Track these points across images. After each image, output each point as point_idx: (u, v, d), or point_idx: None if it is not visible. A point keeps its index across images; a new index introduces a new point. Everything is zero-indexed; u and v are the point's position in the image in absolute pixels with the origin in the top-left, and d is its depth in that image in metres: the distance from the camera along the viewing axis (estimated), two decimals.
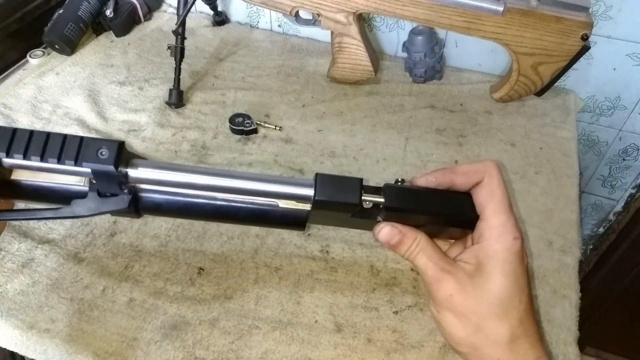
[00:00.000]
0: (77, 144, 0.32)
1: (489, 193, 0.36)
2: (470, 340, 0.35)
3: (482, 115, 0.75)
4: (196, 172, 0.35)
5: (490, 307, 0.34)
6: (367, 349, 0.49)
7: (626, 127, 0.82)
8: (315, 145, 0.69)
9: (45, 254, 0.54)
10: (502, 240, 0.35)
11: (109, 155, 0.32)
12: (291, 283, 0.53)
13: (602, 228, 0.99)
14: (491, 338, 0.35)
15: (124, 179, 0.34)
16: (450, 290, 0.35)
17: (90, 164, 0.32)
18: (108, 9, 0.84)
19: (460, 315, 0.35)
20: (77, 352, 0.47)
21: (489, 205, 0.35)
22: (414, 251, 0.36)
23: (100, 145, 0.32)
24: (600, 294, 1.06)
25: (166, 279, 0.53)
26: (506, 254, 0.35)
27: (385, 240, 0.36)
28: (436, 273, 0.36)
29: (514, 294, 0.35)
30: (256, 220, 0.38)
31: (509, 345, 0.35)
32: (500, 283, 0.34)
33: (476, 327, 0.35)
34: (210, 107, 0.74)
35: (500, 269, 0.35)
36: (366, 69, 0.76)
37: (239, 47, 0.87)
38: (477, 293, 0.35)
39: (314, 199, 0.35)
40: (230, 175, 0.35)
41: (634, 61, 0.74)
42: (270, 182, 0.36)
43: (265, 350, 0.48)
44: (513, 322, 0.35)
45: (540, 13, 0.65)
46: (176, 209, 0.37)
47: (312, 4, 0.71)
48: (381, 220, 0.37)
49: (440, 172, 0.37)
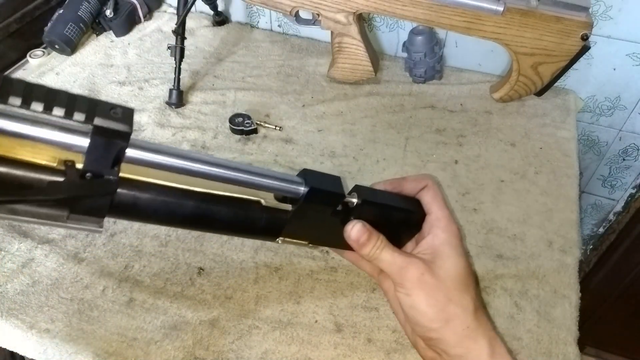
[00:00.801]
0: (86, 100, 0.28)
1: (433, 194, 0.43)
2: (442, 314, 0.39)
3: (482, 115, 0.75)
4: (191, 159, 0.33)
5: (454, 282, 0.40)
6: (367, 349, 0.49)
7: (626, 127, 0.82)
8: (315, 145, 0.69)
9: (45, 254, 0.54)
10: (450, 229, 0.42)
11: (122, 115, 0.28)
12: (291, 283, 0.53)
13: (602, 228, 0.99)
14: (461, 307, 0.39)
15: (122, 151, 0.30)
16: (421, 270, 0.39)
17: (103, 120, 0.28)
18: (108, 9, 0.84)
19: (432, 291, 0.39)
20: (77, 352, 0.47)
21: (435, 203, 0.43)
22: (380, 246, 0.40)
23: (111, 106, 0.28)
24: (600, 294, 1.06)
25: (166, 279, 0.53)
26: (455, 240, 0.41)
27: (356, 237, 0.40)
28: (403, 260, 0.40)
29: (468, 270, 0.41)
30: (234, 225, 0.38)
31: (474, 314, 0.40)
32: (457, 262, 0.40)
33: (447, 299, 0.39)
34: (210, 107, 0.75)
35: (454, 250, 0.41)
36: (366, 69, 0.76)
37: (239, 47, 0.87)
38: (441, 272, 0.40)
39: (307, 187, 0.37)
40: (227, 165, 0.35)
41: (634, 61, 0.74)
42: (261, 175, 0.36)
43: (265, 350, 0.48)
44: (472, 294, 0.40)
45: (540, 13, 0.65)
46: (152, 210, 0.34)
47: (312, 4, 0.71)
48: (352, 219, 0.41)
49: (390, 181, 0.45)
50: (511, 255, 0.57)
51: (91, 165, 0.29)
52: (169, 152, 0.32)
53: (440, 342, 0.40)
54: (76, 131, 0.28)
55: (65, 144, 0.28)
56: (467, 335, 0.39)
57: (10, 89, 0.25)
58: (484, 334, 0.40)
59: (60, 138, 0.28)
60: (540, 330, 0.51)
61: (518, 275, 0.55)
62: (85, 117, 0.27)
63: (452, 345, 0.39)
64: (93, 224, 0.32)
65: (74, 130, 0.28)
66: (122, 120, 0.28)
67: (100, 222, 0.32)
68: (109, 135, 0.28)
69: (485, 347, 0.39)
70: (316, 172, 0.39)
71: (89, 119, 0.27)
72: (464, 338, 0.39)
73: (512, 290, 0.54)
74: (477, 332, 0.39)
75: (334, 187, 0.39)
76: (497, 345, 0.40)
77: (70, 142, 0.28)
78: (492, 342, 0.40)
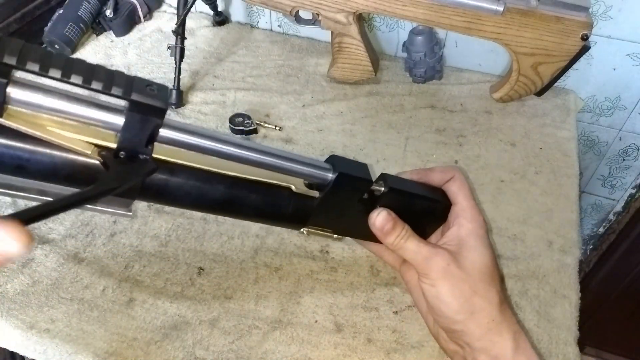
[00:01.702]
0: (123, 76, 0.27)
1: (460, 185, 0.43)
2: (467, 306, 0.39)
3: (482, 115, 0.75)
4: (223, 141, 0.33)
5: (480, 274, 0.39)
6: (367, 349, 0.49)
7: (626, 127, 0.82)
8: (315, 145, 0.69)
9: (45, 254, 0.54)
10: (476, 220, 0.42)
11: (158, 91, 0.28)
12: (291, 283, 0.53)
13: (602, 228, 0.99)
14: (487, 299, 0.39)
15: (157, 129, 0.29)
16: (447, 261, 0.39)
17: (140, 96, 0.27)
18: (108, 9, 0.84)
19: (457, 282, 0.39)
20: (77, 352, 0.47)
21: (460, 194, 0.43)
22: (405, 236, 0.40)
23: (148, 82, 0.28)
24: (600, 294, 1.06)
25: (166, 279, 0.53)
26: (481, 230, 0.41)
27: (381, 224, 0.40)
28: (429, 250, 0.40)
29: (494, 262, 0.41)
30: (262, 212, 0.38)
31: (499, 307, 0.39)
32: (483, 253, 0.40)
33: (472, 291, 0.39)
34: (210, 107, 0.75)
35: (480, 242, 0.41)
36: (366, 69, 0.76)
37: (239, 47, 0.87)
38: (467, 264, 0.39)
39: (335, 172, 0.37)
40: (258, 149, 0.34)
41: (634, 61, 0.74)
42: (291, 160, 0.36)
43: (265, 350, 0.48)
44: (498, 287, 0.40)
45: (540, 13, 0.65)
46: (182, 192, 0.34)
47: (312, 4, 0.71)
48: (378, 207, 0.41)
49: (416, 171, 0.45)
50: (511, 255, 0.57)
51: (126, 143, 0.29)
52: (202, 133, 0.32)
53: (464, 335, 0.39)
54: (111, 109, 0.28)
55: (101, 121, 0.28)
56: (492, 329, 0.39)
57: (50, 62, 0.25)
58: (509, 327, 0.39)
59: (96, 115, 0.28)
60: (540, 330, 0.51)
61: (518, 275, 0.55)
62: (122, 92, 0.27)
63: (477, 338, 0.39)
64: (122, 206, 0.31)
65: (109, 108, 0.28)
66: (158, 97, 0.28)
67: (129, 205, 0.31)
68: (145, 111, 0.28)
69: (510, 340, 0.39)
70: (344, 159, 0.39)
71: (126, 93, 0.27)
72: (488, 331, 0.39)
73: (512, 291, 0.54)
74: (502, 325, 0.39)
75: (361, 174, 0.39)
76: (522, 340, 0.40)
77: (106, 119, 0.28)
78: (516, 336, 0.39)
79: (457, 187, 0.43)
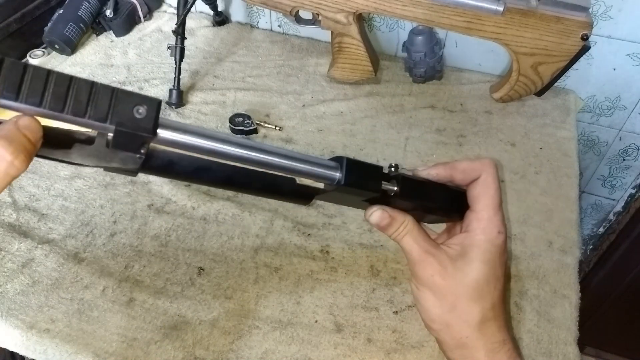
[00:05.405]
0: (108, 96, 0.26)
1: (484, 189, 0.39)
2: (444, 318, 0.38)
3: (482, 115, 0.75)
4: (224, 141, 0.32)
5: (467, 289, 0.37)
6: (367, 349, 0.49)
7: (626, 127, 0.82)
8: (315, 145, 0.69)
9: (45, 254, 0.54)
10: (488, 232, 0.38)
11: (147, 114, 0.27)
12: (291, 283, 0.53)
13: (602, 228, 0.99)
14: (463, 317, 0.38)
15: (151, 139, 0.29)
16: (432, 271, 0.38)
17: (124, 124, 0.26)
18: (108, 9, 0.84)
19: (439, 294, 0.38)
20: (77, 352, 0.47)
21: (482, 200, 0.39)
22: (401, 233, 0.39)
23: (136, 101, 0.27)
24: (600, 294, 1.06)
25: (166, 279, 0.53)
26: (489, 245, 0.38)
27: (376, 222, 0.39)
28: (420, 255, 0.38)
29: (489, 280, 0.38)
30: (268, 189, 0.37)
31: (478, 325, 0.38)
32: (478, 268, 0.38)
33: (451, 306, 0.38)
34: (210, 107, 0.75)
35: (481, 256, 0.38)
36: (366, 69, 0.76)
37: (239, 47, 0.87)
38: (457, 275, 0.38)
39: (343, 182, 0.35)
40: (261, 148, 0.33)
41: (634, 61, 0.74)
42: (296, 159, 0.35)
43: (265, 350, 0.48)
44: (486, 306, 0.38)
45: (540, 13, 0.65)
46: (190, 169, 0.33)
47: (312, 4, 0.71)
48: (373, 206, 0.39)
49: (441, 166, 0.40)
50: (511, 255, 0.57)
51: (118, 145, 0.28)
52: (202, 133, 0.31)
53: (439, 342, 0.40)
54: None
55: None
56: (466, 344, 0.38)
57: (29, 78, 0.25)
58: (484, 346, 0.38)
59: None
60: (540, 330, 0.51)
61: (518, 275, 0.55)
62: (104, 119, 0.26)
63: (449, 348, 0.39)
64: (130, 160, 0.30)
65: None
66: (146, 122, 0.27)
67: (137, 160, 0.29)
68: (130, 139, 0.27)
69: (483, 358, 0.38)
70: (356, 163, 0.36)
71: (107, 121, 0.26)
72: (462, 345, 0.38)
73: (512, 291, 0.54)
74: (478, 343, 0.38)
75: (369, 184, 0.36)
76: (497, 359, 0.38)
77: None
78: (490, 356, 0.38)
79: (480, 192, 0.39)
